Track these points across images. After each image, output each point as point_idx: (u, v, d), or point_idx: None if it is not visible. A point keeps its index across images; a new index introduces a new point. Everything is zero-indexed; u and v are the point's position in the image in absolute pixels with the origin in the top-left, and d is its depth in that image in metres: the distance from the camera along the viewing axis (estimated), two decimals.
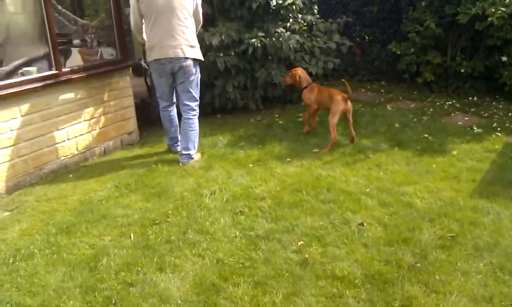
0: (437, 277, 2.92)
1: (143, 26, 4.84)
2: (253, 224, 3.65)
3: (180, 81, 4.80)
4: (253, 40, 5.88)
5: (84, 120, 5.17)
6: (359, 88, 7.96)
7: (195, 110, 4.96)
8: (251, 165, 4.84)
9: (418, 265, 3.05)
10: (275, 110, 6.74)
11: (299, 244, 3.36)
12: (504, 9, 5.66)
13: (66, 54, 5.47)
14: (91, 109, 5.22)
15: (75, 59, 5.46)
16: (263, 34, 5.98)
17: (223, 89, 6.12)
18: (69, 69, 5.01)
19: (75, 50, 5.48)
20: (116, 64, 5.49)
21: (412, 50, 7.13)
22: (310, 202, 3.99)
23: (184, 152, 4.95)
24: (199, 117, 5.08)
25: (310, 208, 3.89)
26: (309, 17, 6.55)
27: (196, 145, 5.02)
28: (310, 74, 6.59)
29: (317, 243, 3.37)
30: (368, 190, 4.16)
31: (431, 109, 6.46)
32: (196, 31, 4.90)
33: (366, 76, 8.46)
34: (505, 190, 4.03)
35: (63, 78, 4.85)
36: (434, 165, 4.61)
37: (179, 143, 5.24)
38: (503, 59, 6.34)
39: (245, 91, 6.43)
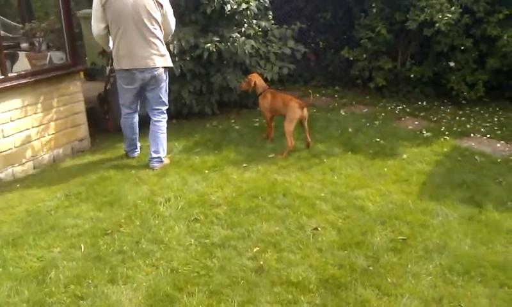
0: (389, 280, 2.98)
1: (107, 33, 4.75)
2: (209, 231, 3.61)
3: (151, 88, 4.82)
4: (208, 45, 5.85)
5: (33, 127, 4.97)
6: (314, 93, 8.01)
7: (164, 113, 5.00)
8: (206, 171, 4.80)
9: (371, 268, 3.11)
10: (231, 115, 6.72)
11: (255, 250, 3.36)
12: (450, 15, 5.88)
13: (13, 58, 5.27)
14: (39, 115, 5.04)
15: (23, 64, 5.26)
16: (218, 39, 5.95)
17: (178, 94, 6.04)
18: (16, 74, 4.82)
19: (22, 54, 5.27)
20: (65, 68, 5.33)
21: (364, 55, 7.30)
22: (266, 208, 3.99)
23: (154, 155, 4.88)
24: None
25: (265, 213, 3.89)
26: (263, 23, 6.57)
27: (166, 148, 5.01)
28: (265, 79, 6.64)
29: (272, 249, 3.37)
30: (322, 194, 4.21)
31: (383, 114, 6.62)
32: (166, 40, 4.91)
33: (321, 81, 8.58)
34: (453, 192, 4.17)
35: (8, 84, 4.65)
36: (385, 169, 4.72)
37: (137, 150, 5.24)
38: (450, 65, 6.57)
39: (201, 96, 6.38)
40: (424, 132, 5.78)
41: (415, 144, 5.41)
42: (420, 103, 7.08)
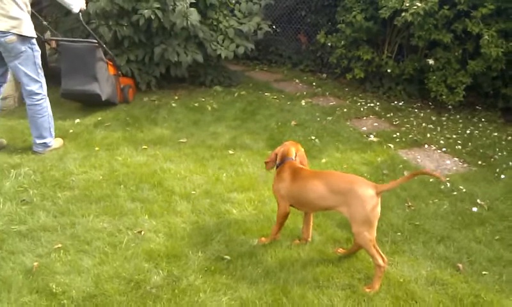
0: None
1: None
2: (28, 217, 3.21)
3: (9, 61, 4.01)
4: (146, 11, 5.35)
5: None
6: (295, 78, 7.43)
7: (39, 94, 4.13)
8: (97, 148, 4.39)
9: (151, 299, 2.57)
10: (180, 91, 6.24)
11: (55, 247, 2.91)
12: (419, 4, 4.97)
13: None
14: None
15: None
16: (158, 6, 5.42)
17: None
18: None
19: None
20: None
21: (342, 42, 6.51)
22: (120, 198, 3.53)
23: (38, 141, 4.21)
24: None
25: (111, 205, 3.43)
26: None
27: (53, 131, 4.29)
28: (218, 57, 6.09)
29: (74, 249, 2.91)
30: (193, 192, 3.67)
31: (345, 110, 5.87)
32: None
33: (309, 66, 7.88)
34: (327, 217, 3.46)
35: None
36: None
37: None
38: (430, 63, 5.67)
39: (145, 66, 5.92)
40: (371, 136, 5.01)
41: (350, 148, 4.69)
42: (396, 102, 6.23)
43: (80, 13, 4.60)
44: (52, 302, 2.43)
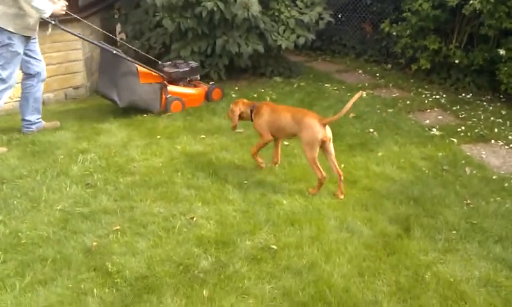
0: None
1: None
2: (91, 199, 3.43)
3: None
4: (208, 3, 5.47)
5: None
6: (357, 69, 7.31)
7: None
8: (159, 136, 4.58)
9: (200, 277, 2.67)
10: (241, 82, 6.33)
11: (114, 228, 3.10)
12: None
13: None
14: None
15: None
16: None
17: (177, 53, 5.81)
18: None
19: None
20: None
21: (408, 32, 6.30)
22: (176, 185, 3.68)
23: None
24: None
25: (167, 191, 3.58)
26: None
27: None
28: (278, 47, 6.12)
29: (131, 231, 3.08)
30: (245, 181, 3.74)
31: (408, 102, 5.70)
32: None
33: (373, 56, 7.71)
34: (396, 207, 3.41)
35: None
36: (343, 165, 4.03)
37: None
38: (500, 53, 5.36)
39: (209, 58, 6.07)
40: (434, 130, 4.84)
41: (409, 141, 4.56)
42: (464, 95, 5.95)
43: (56, 19, 4.47)
44: (107, 281, 2.60)
